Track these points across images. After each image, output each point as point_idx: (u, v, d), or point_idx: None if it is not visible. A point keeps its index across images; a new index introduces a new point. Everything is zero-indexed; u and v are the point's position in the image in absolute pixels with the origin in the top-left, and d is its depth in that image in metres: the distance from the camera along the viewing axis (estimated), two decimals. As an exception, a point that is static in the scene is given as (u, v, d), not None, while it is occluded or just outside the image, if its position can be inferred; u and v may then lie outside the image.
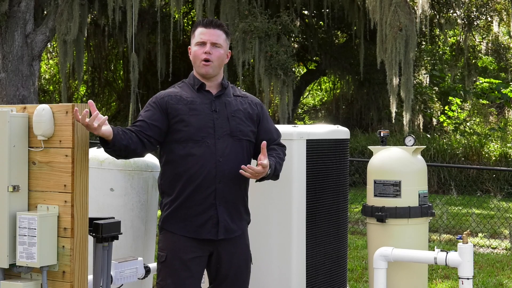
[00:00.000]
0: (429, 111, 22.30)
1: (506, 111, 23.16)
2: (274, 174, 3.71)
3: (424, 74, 22.78)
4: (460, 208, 12.76)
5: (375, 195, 4.68)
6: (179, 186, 3.67)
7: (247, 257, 3.84)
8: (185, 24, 24.23)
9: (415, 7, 17.38)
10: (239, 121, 3.74)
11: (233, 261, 3.76)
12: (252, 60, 17.00)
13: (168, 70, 19.04)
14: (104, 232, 3.49)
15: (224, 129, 3.69)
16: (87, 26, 19.62)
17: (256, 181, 3.77)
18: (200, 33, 3.78)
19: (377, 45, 16.15)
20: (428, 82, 22.93)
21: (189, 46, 3.87)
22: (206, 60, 3.75)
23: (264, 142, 3.62)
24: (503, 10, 21.45)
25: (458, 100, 21.12)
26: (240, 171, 3.55)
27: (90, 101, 3.32)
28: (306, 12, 22.50)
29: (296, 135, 4.31)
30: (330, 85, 28.00)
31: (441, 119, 21.27)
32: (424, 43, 22.07)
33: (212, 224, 3.67)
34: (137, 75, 18.34)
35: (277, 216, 4.31)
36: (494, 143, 17.41)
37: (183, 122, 3.66)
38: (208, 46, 3.75)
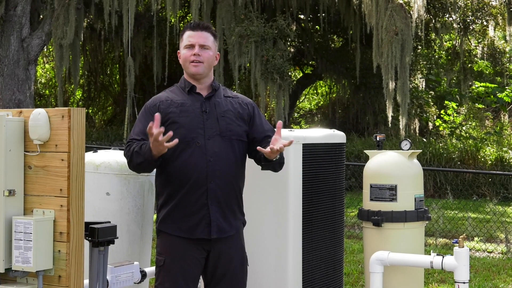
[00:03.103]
0: (425, 115, 22.34)
1: (501, 115, 23.21)
2: (279, 161, 3.75)
3: (420, 78, 22.82)
4: (456, 212, 12.77)
5: (371, 199, 4.68)
6: (172, 188, 3.72)
7: (242, 258, 3.86)
8: (181, 28, 24.20)
9: (411, 12, 17.42)
10: (229, 121, 3.79)
11: (229, 262, 3.79)
12: (248, 64, 17.00)
13: (164, 74, 19.04)
14: (100, 236, 3.49)
15: (214, 130, 3.74)
16: (83, 30, 19.62)
17: (262, 168, 3.82)
18: (188, 36, 3.83)
19: (373, 49, 16.18)
20: (424, 86, 22.98)
21: (178, 51, 3.93)
22: (196, 61, 3.80)
23: (280, 122, 3.67)
24: (498, 15, 21.52)
25: (454, 104, 21.16)
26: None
27: (157, 114, 3.45)
28: (302, 16, 22.54)
29: (292, 139, 4.30)
30: (326, 89, 28.03)
31: (437, 123, 21.30)
32: (420, 47, 22.11)
33: (205, 223, 3.71)
34: (133, 79, 18.33)
35: (273, 220, 4.31)
36: (490, 147, 17.44)
37: (175, 124, 3.70)
38: (196, 48, 3.81)
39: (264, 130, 3.88)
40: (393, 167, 4.67)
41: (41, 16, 18.56)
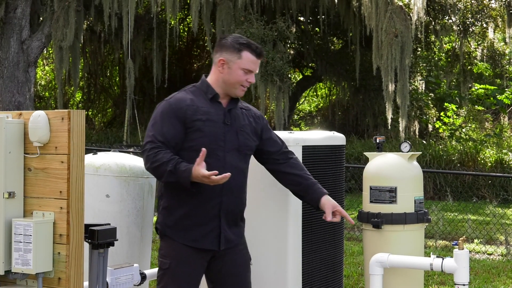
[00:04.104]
0: (424, 117, 22.34)
1: (501, 117, 23.20)
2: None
3: (420, 80, 22.82)
4: (456, 214, 12.76)
5: (371, 201, 4.68)
6: (184, 195, 3.68)
7: (246, 258, 3.91)
8: (181, 31, 24.26)
9: (411, 14, 17.43)
10: (246, 136, 3.82)
11: (234, 265, 3.83)
12: (248, 66, 16.97)
13: (164, 76, 19.06)
14: (100, 238, 3.48)
15: (233, 143, 3.75)
16: (83, 33, 19.64)
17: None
18: (251, 61, 3.79)
19: (373, 51, 16.19)
20: (423, 88, 22.98)
21: (222, 58, 3.80)
22: (246, 87, 3.84)
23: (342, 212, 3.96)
24: (498, 17, 21.53)
25: (453, 106, 21.16)
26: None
27: (204, 150, 3.49)
28: (302, 18, 22.54)
29: (292, 141, 4.31)
30: (326, 91, 28.03)
31: (437, 125, 21.30)
32: (419, 49, 22.12)
33: (214, 235, 3.72)
34: (133, 81, 18.35)
35: (273, 222, 4.31)
36: (489, 149, 17.44)
37: (200, 132, 3.68)
38: (253, 75, 3.83)
39: (276, 143, 3.99)
40: (393, 169, 4.67)
41: (41, 18, 18.57)
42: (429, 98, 23.16)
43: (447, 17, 21.55)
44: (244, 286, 3.89)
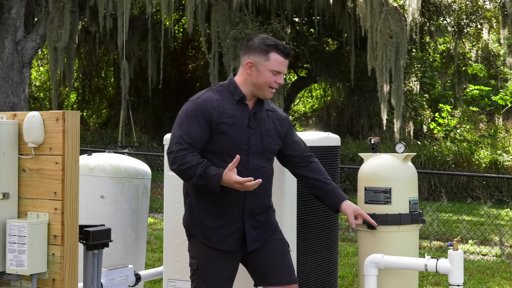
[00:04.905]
0: (419, 118, 22.38)
1: (496, 118, 23.26)
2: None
3: (415, 81, 22.86)
4: (451, 215, 12.78)
5: (365, 202, 4.67)
6: (209, 196, 3.66)
7: (281, 245, 3.86)
8: (176, 31, 24.24)
9: (406, 15, 17.46)
10: (271, 140, 3.79)
11: (269, 256, 3.79)
12: (243, 67, 16.99)
13: (159, 77, 19.06)
14: (94, 239, 3.48)
15: (257, 147, 3.72)
16: (78, 33, 19.62)
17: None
18: (279, 62, 3.73)
19: (368, 53, 16.22)
20: (418, 89, 23.02)
21: (250, 61, 3.74)
22: (275, 88, 3.79)
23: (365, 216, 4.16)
24: (493, 18, 21.58)
25: (448, 107, 21.20)
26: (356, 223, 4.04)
27: (238, 156, 3.48)
28: (297, 19, 22.57)
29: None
30: (321, 92, 28.06)
31: (432, 126, 21.34)
32: (414, 50, 22.16)
33: (237, 237, 3.71)
34: (128, 82, 18.34)
35: (268, 223, 4.31)
36: (484, 150, 17.47)
37: (224, 135, 3.65)
38: (282, 76, 3.77)
39: (299, 147, 3.99)
40: (387, 170, 4.66)
41: (35, 19, 18.55)
42: (424, 99, 23.20)
43: (441, 18, 21.60)
44: (284, 270, 3.83)
